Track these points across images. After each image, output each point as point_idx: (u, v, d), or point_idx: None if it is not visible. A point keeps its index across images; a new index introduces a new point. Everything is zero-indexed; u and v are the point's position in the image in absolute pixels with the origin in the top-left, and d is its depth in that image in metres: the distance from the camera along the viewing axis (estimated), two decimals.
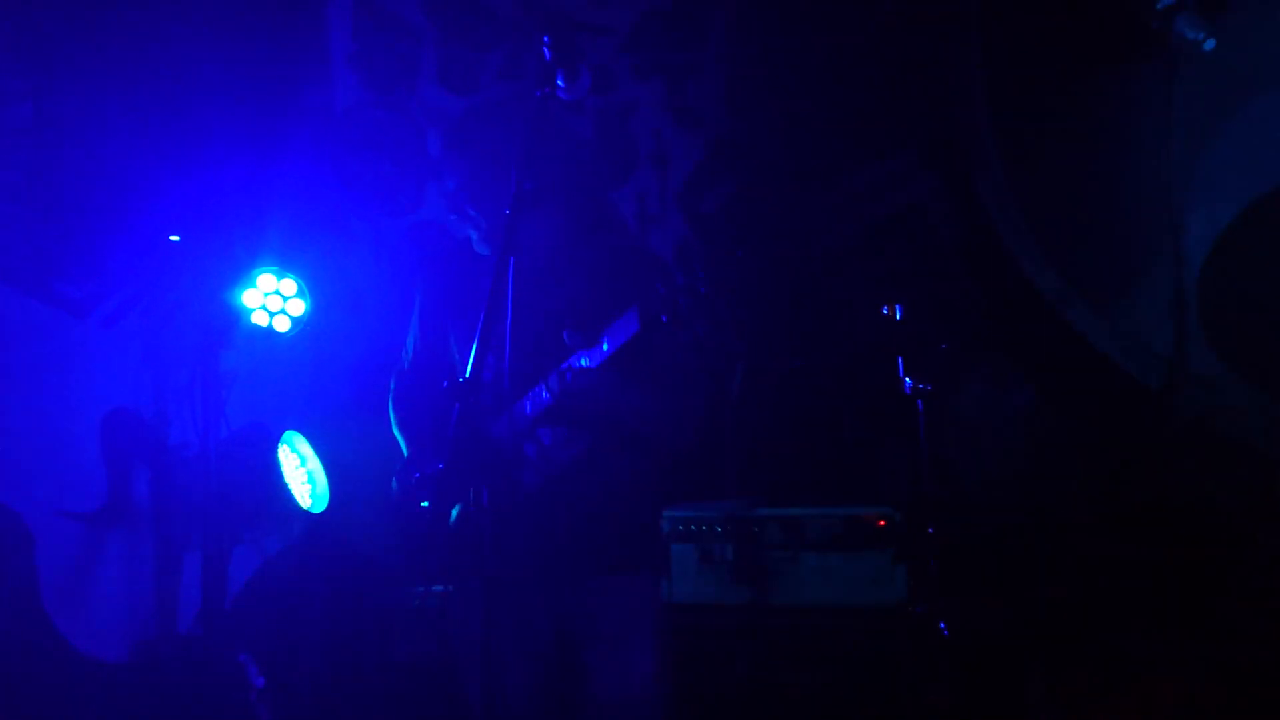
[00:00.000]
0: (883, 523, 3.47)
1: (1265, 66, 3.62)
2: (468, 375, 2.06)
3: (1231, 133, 3.72)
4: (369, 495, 4.08)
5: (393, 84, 4.32)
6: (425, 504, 2.52)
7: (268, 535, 3.72)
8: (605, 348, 2.28)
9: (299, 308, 3.67)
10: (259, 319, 3.62)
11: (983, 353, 4.48)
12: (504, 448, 2.36)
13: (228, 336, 3.55)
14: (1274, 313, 3.59)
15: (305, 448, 3.78)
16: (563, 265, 2.64)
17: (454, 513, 2.50)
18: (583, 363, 2.31)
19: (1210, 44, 3.72)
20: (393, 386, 2.87)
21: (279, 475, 3.73)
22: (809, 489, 5.04)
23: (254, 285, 3.59)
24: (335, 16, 4.24)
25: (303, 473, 3.82)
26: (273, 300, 3.64)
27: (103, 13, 3.52)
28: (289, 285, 3.65)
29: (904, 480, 4.35)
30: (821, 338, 5.18)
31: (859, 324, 4.92)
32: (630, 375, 2.39)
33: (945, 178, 4.65)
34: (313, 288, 3.75)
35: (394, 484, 2.63)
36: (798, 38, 5.32)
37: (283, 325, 3.64)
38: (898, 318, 2.99)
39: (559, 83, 2.22)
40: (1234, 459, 3.73)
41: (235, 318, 3.52)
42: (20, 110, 3.59)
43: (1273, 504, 3.64)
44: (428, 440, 2.72)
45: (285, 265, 3.67)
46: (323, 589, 3.63)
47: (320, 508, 3.77)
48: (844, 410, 4.40)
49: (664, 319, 2.15)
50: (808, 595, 3.57)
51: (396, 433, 2.85)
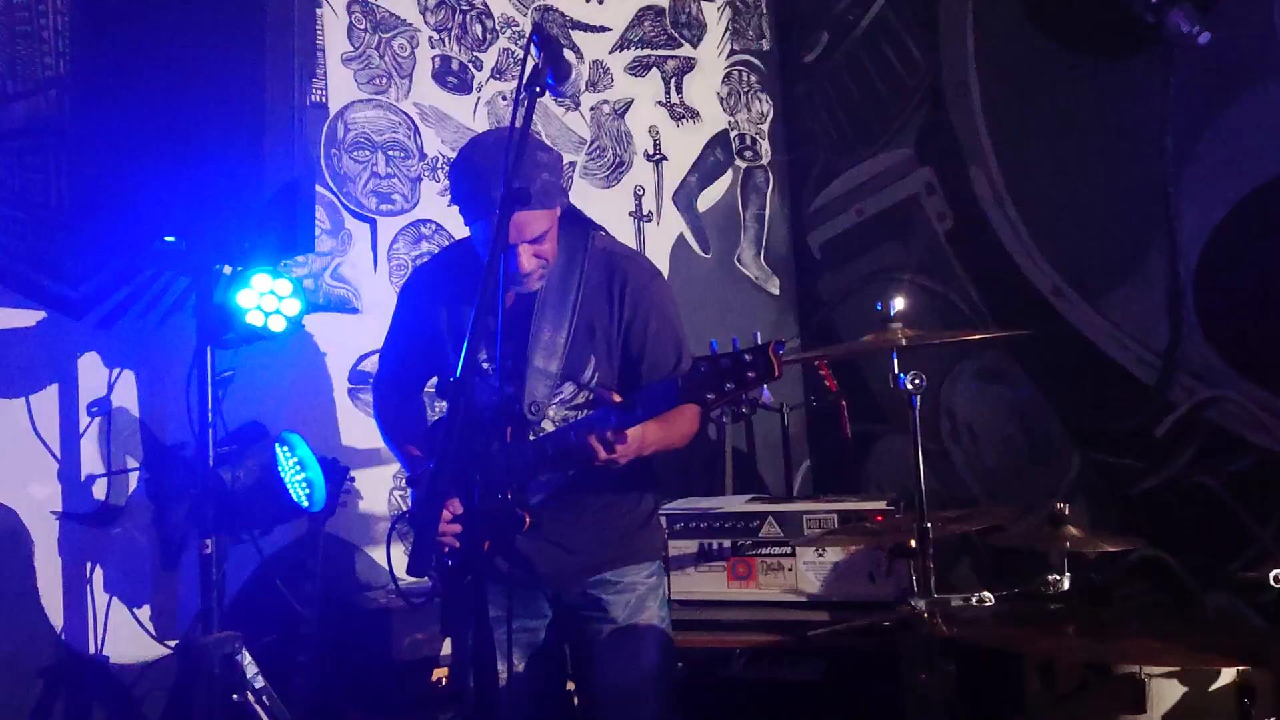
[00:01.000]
0: (880, 517, 3.48)
1: (1260, 59, 3.61)
2: (459, 374, 2.07)
3: (1227, 125, 3.72)
4: (365, 493, 4.10)
5: (387, 83, 4.33)
6: (414, 507, 2.52)
7: (265, 535, 3.72)
8: (639, 413, 2.27)
9: (294, 307, 3.67)
10: (254, 319, 3.61)
11: (977, 347, 4.48)
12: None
13: (223, 336, 3.54)
14: (1269, 305, 3.59)
15: (302, 447, 3.78)
16: (556, 266, 2.64)
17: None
18: (613, 421, 2.30)
19: (1205, 37, 3.72)
20: (374, 398, 2.87)
21: (276, 475, 3.73)
22: (805, 483, 5.06)
23: (249, 285, 3.59)
24: (330, 15, 4.24)
25: (299, 471, 3.81)
26: (268, 300, 3.63)
27: (95, 13, 3.51)
28: (284, 285, 3.65)
29: (899, 473, 4.36)
30: (819, 331, 5.19)
31: (853, 318, 4.93)
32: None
33: (939, 172, 4.65)
34: (307, 288, 3.74)
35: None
36: (792, 31, 5.32)
37: (278, 325, 3.64)
38: (891, 313, 2.99)
39: (549, 81, 2.22)
40: (1230, 452, 3.73)
41: (230, 317, 3.51)
42: (13, 111, 3.59)
43: (1268, 496, 3.64)
44: (420, 442, 2.73)
45: (280, 265, 3.67)
46: (320, 588, 3.64)
47: (318, 507, 3.77)
48: (840, 404, 4.41)
49: (709, 398, 2.12)
50: (805, 590, 3.58)
51: (387, 441, 2.86)
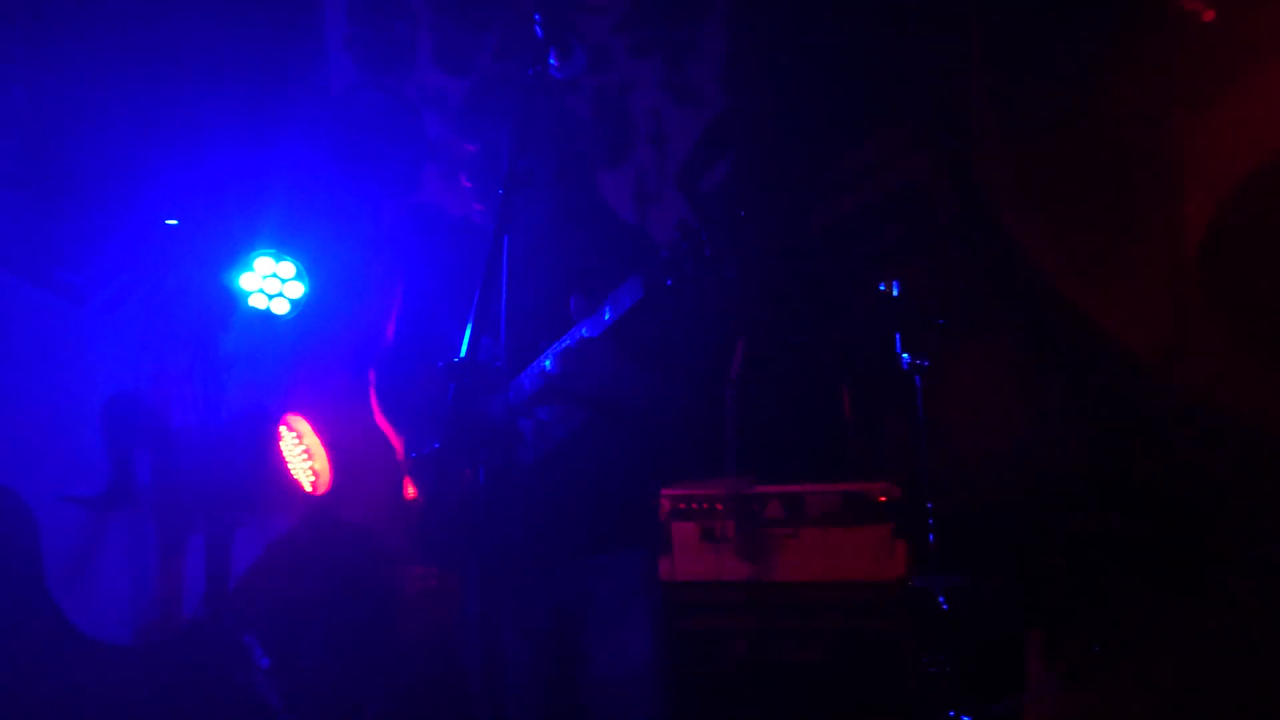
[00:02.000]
0: (883, 498, 3.48)
1: (1265, 37, 3.60)
2: (463, 355, 2.06)
3: (1232, 104, 3.70)
4: (370, 477, 4.11)
5: (389, 65, 4.31)
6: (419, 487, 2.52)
7: (270, 518, 3.73)
8: (607, 316, 2.24)
9: (297, 290, 3.68)
10: (257, 302, 3.63)
11: (981, 328, 4.48)
12: (500, 426, 2.34)
13: (227, 320, 3.56)
14: (1273, 285, 3.58)
15: (306, 430, 3.80)
16: (559, 244, 2.63)
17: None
18: (584, 333, 2.27)
19: (1209, 16, 3.70)
20: (373, 378, 2.85)
21: (280, 458, 3.75)
22: (808, 465, 5.06)
23: (252, 268, 3.60)
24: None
25: (304, 455, 3.83)
26: (271, 283, 3.65)
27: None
28: (287, 268, 3.66)
29: (903, 456, 4.36)
30: (820, 315, 5.18)
31: (857, 301, 4.93)
32: (630, 349, 2.36)
33: (942, 153, 4.63)
34: (311, 270, 3.75)
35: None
36: (795, 14, 5.30)
37: (281, 308, 3.66)
38: (895, 294, 2.99)
39: (552, 61, 2.21)
40: (1234, 431, 3.73)
41: (234, 301, 3.53)
42: (15, 94, 3.59)
43: (1272, 477, 3.64)
44: (422, 423, 2.73)
45: (283, 248, 3.67)
46: (325, 570, 3.65)
47: (322, 490, 3.80)
48: (843, 386, 4.41)
49: (669, 283, 2.09)
50: (808, 571, 3.59)
51: (383, 414, 2.85)
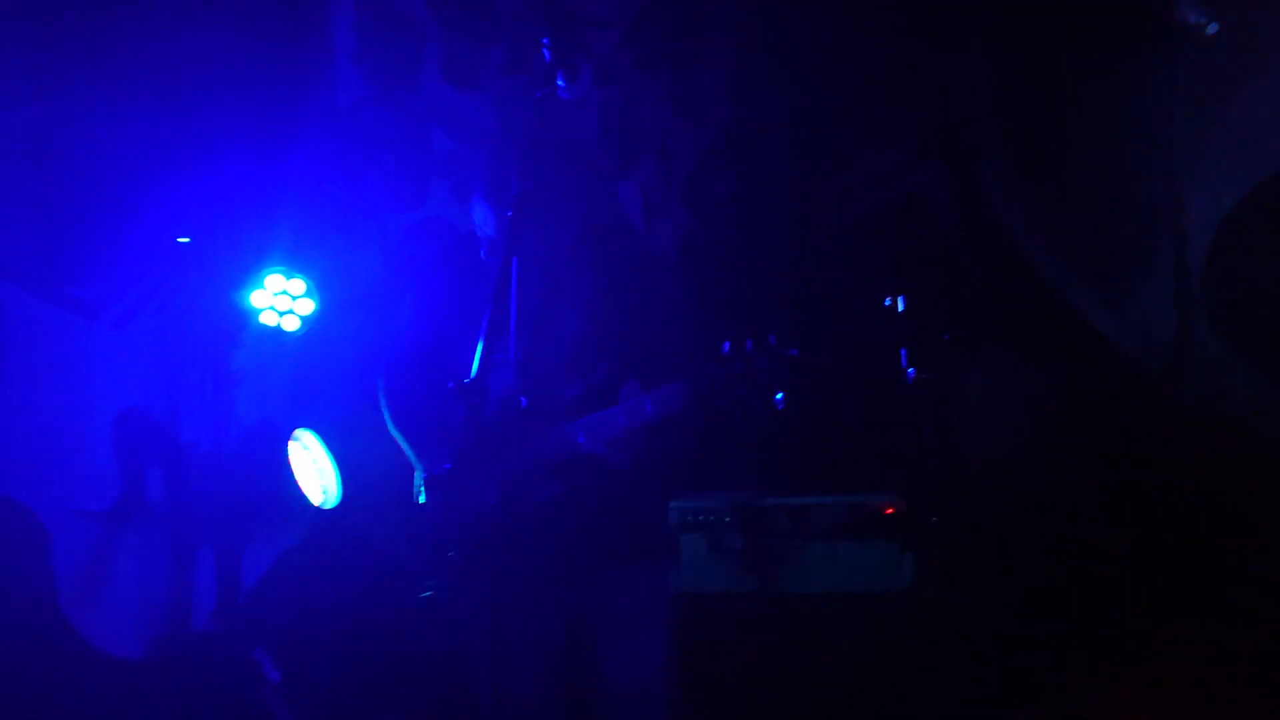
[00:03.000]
0: (891, 510, 3.49)
1: (1268, 49, 3.61)
2: (473, 376, 2.08)
3: (1235, 116, 3.71)
4: (379, 491, 4.12)
5: (396, 80, 4.33)
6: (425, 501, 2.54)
7: (280, 532, 3.75)
8: (648, 410, 2.27)
9: (307, 307, 3.70)
10: (268, 319, 3.65)
11: (986, 340, 4.48)
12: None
13: (237, 336, 3.58)
14: (1277, 296, 3.59)
15: (316, 445, 3.82)
16: (569, 265, 2.65)
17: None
18: (620, 421, 2.30)
19: (1213, 27, 3.71)
20: (382, 384, 2.87)
21: (290, 472, 3.76)
22: (816, 478, 5.06)
23: (262, 285, 3.62)
24: (338, 14, 4.24)
25: (314, 470, 3.85)
26: (281, 300, 3.67)
27: (107, 14, 3.53)
28: (297, 285, 3.68)
29: (909, 468, 4.37)
30: (825, 328, 5.18)
31: (862, 314, 4.93)
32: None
33: (947, 166, 4.64)
34: (321, 287, 3.77)
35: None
36: (800, 27, 5.31)
37: (291, 324, 3.68)
38: (900, 309, 3.00)
39: (559, 83, 2.24)
40: (1238, 443, 3.73)
41: (244, 317, 3.55)
42: (27, 113, 3.62)
43: (1275, 487, 3.65)
44: (431, 439, 2.74)
45: (293, 265, 3.70)
46: (335, 584, 3.66)
47: (331, 504, 3.81)
48: (849, 400, 4.41)
49: (717, 403, 2.10)
50: (816, 583, 3.60)
51: (394, 431, 2.87)
